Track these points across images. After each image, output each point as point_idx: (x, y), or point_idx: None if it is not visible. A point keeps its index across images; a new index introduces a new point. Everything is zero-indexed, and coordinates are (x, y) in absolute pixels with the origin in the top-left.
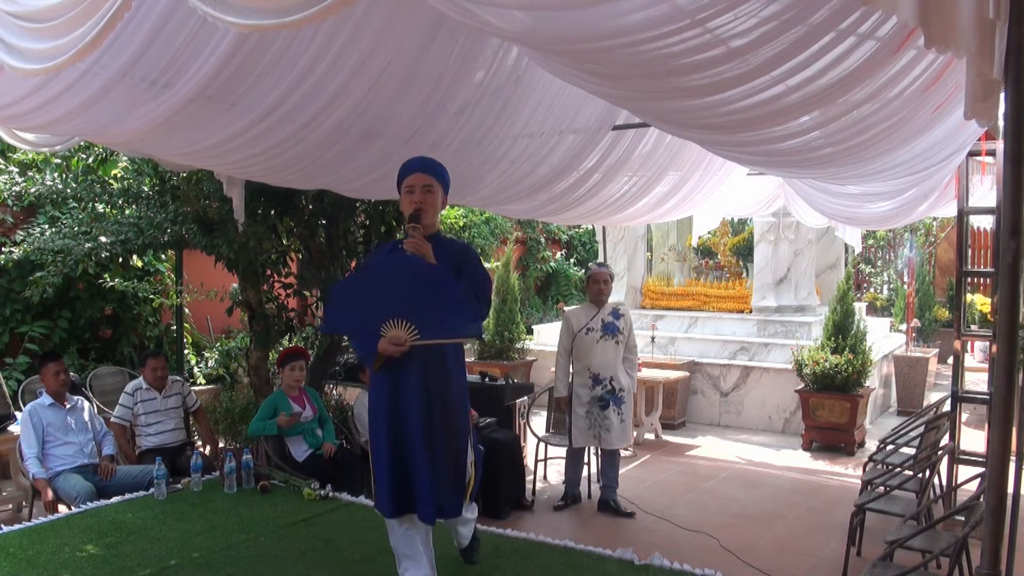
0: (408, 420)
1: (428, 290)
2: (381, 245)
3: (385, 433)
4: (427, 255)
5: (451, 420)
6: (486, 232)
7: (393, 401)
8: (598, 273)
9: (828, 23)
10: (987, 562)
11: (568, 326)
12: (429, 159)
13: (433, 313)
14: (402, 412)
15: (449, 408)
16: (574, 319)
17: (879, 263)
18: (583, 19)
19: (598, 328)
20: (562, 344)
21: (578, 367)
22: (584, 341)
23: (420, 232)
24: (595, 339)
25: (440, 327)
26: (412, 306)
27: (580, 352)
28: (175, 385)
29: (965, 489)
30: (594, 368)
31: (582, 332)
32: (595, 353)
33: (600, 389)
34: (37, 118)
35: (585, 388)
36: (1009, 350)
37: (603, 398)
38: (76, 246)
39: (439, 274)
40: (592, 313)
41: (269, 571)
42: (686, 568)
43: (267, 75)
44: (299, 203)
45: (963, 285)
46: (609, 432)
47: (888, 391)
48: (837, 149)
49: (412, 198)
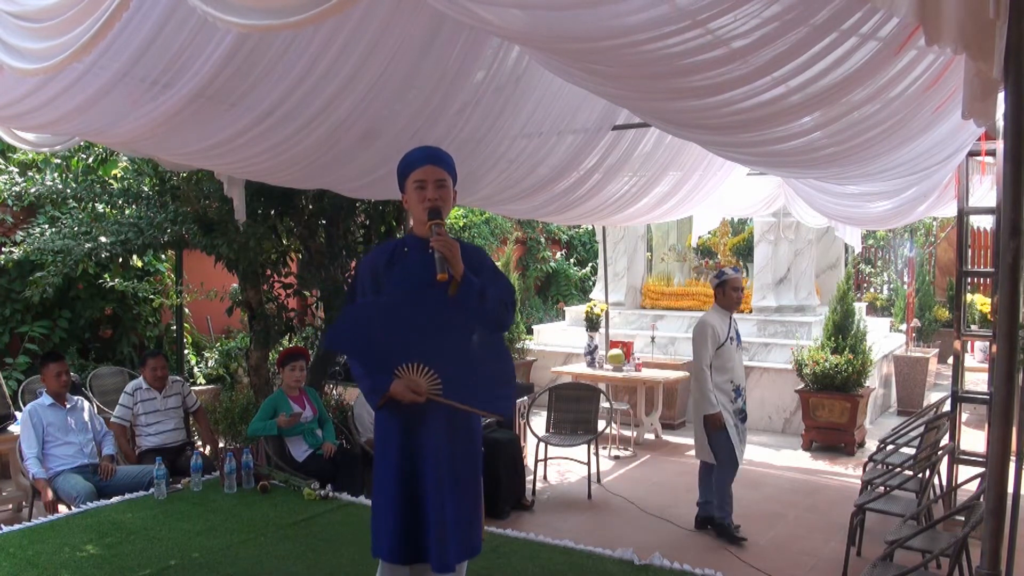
0: (425, 452)
1: (459, 338)
2: (379, 248)
3: (396, 466)
4: (456, 257)
5: (471, 447)
6: (486, 232)
7: (407, 430)
8: (735, 279)
9: (830, 24)
10: (987, 562)
11: (713, 335)
12: (437, 149)
13: (463, 373)
14: (418, 443)
15: (471, 438)
16: (718, 327)
17: (879, 263)
18: (583, 19)
19: (735, 337)
20: (706, 356)
21: (720, 379)
22: (728, 351)
23: (444, 230)
24: (735, 348)
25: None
26: (438, 354)
27: (723, 364)
28: (175, 385)
29: (965, 489)
30: (736, 379)
31: (727, 342)
32: (736, 363)
33: (740, 401)
34: (37, 118)
35: (728, 401)
36: (1009, 350)
37: (743, 410)
38: (76, 246)
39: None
40: (727, 320)
41: (269, 571)
42: (686, 568)
43: (267, 75)
44: (299, 203)
45: (963, 285)
46: (744, 443)
47: (888, 391)
48: (838, 149)
49: (425, 194)
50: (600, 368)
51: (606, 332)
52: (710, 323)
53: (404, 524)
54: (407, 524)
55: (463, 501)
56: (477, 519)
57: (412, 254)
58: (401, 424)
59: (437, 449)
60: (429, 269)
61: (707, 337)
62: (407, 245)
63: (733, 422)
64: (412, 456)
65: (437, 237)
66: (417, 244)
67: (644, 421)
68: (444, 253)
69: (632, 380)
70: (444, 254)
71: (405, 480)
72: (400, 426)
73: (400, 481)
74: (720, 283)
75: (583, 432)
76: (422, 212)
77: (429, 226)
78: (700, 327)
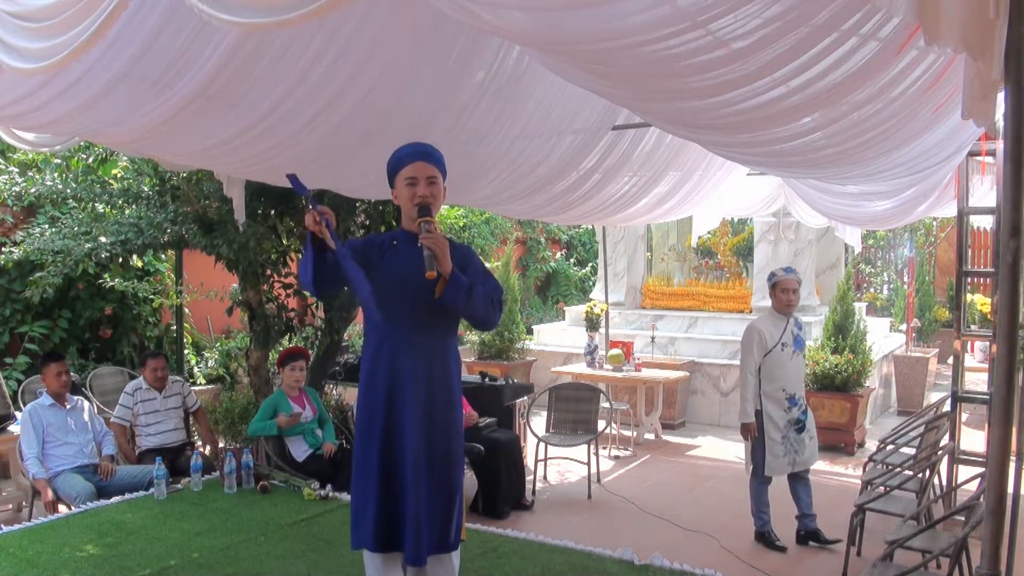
0: (405, 442)
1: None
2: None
3: (377, 458)
4: (445, 255)
5: (451, 445)
6: (486, 232)
7: (388, 417)
8: (787, 280)
9: (830, 24)
10: (987, 562)
11: (760, 340)
12: (427, 145)
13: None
14: (399, 438)
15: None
16: (766, 333)
17: (879, 263)
18: (583, 20)
19: (790, 343)
20: (752, 362)
21: (770, 387)
22: (779, 358)
23: (435, 227)
24: (789, 355)
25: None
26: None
27: (772, 370)
28: (175, 385)
29: (965, 489)
30: (790, 388)
31: (777, 348)
32: (790, 370)
33: (796, 410)
34: (37, 118)
35: (780, 410)
36: (1009, 350)
37: (799, 420)
38: (76, 246)
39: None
40: (782, 325)
41: (269, 571)
42: (686, 568)
43: (267, 75)
44: (299, 203)
45: (963, 285)
46: (802, 454)
47: (888, 391)
48: (838, 150)
49: (416, 191)
50: (600, 368)
51: (606, 332)
52: (757, 328)
53: (384, 515)
54: (386, 515)
55: (439, 495)
56: (454, 514)
57: (401, 248)
58: (384, 418)
59: (416, 443)
60: (416, 265)
61: (752, 343)
62: (396, 239)
63: (782, 434)
64: (392, 449)
65: (427, 234)
66: (406, 239)
67: (644, 421)
68: (433, 250)
69: (632, 380)
70: (433, 251)
71: (385, 472)
72: (383, 420)
73: (380, 473)
74: (772, 285)
75: (583, 432)
76: (412, 208)
77: (419, 223)
78: (747, 332)
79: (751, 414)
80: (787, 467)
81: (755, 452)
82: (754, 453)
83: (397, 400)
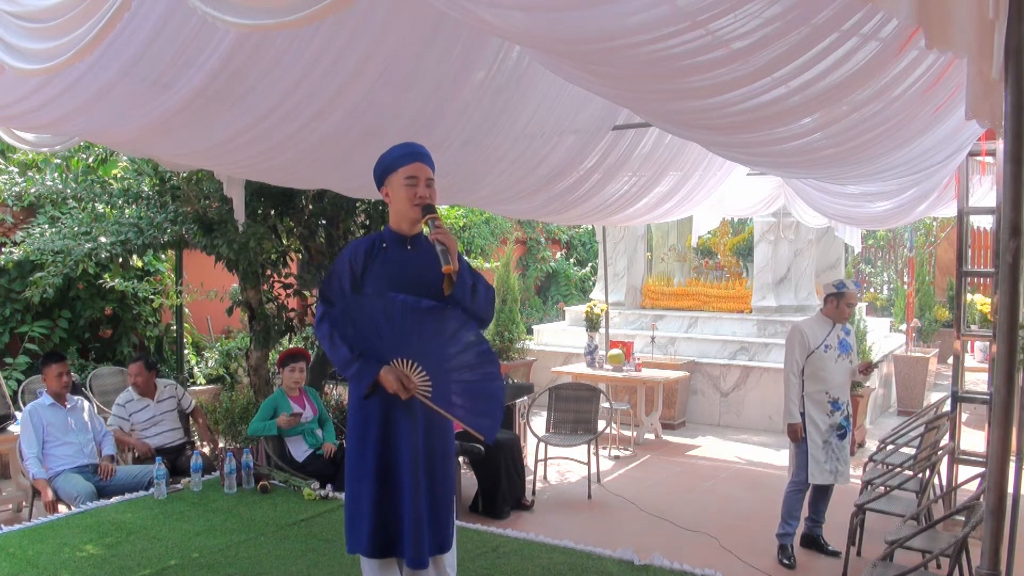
0: (401, 446)
1: (453, 349)
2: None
3: (374, 461)
4: (456, 249)
5: (448, 446)
6: (486, 232)
7: (384, 420)
8: (852, 295)
9: (830, 24)
10: (987, 562)
11: (803, 341)
12: (421, 146)
13: (454, 385)
14: (395, 441)
15: (447, 436)
16: (809, 333)
17: (879, 263)
18: (583, 20)
19: (835, 345)
20: (795, 363)
21: (812, 389)
22: (822, 359)
23: (442, 223)
24: (833, 357)
25: (454, 404)
26: (431, 357)
27: (816, 372)
28: (167, 389)
29: (965, 489)
30: (833, 392)
31: (820, 349)
32: (833, 374)
33: (839, 415)
34: (37, 118)
35: (823, 414)
36: (1009, 350)
37: (842, 426)
38: (76, 246)
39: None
40: (827, 328)
41: (269, 571)
42: (686, 568)
43: (267, 75)
44: (299, 203)
45: (963, 285)
46: (846, 465)
47: (888, 391)
48: (839, 150)
49: (417, 191)
50: (600, 368)
51: (606, 332)
52: (801, 329)
53: (380, 519)
54: (382, 519)
55: (438, 498)
56: (450, 516)
57: (391, 249)
58: (379, 421)
59: (414, 447)
60: (409, 264)
61: (795, 343)
62: (385, 240)
63: (824, 438)
64: (389, 453)
65: (437, 230)
66: (395, 239)
67: (644, 421)
68: (448, 245)
69: (632, 380)
70: (447, 246)
71: (381, 476)
72: (379, 423)
73: (377, 476)
74: (838, 294)
75: (583, 432)
76: (412, 208)
77: (426, 220)
78: (790, 333)
79: (796, 415)
80: (829, 476)
81: (798, 456)
82: (797, 457)
83: (393, 403)
